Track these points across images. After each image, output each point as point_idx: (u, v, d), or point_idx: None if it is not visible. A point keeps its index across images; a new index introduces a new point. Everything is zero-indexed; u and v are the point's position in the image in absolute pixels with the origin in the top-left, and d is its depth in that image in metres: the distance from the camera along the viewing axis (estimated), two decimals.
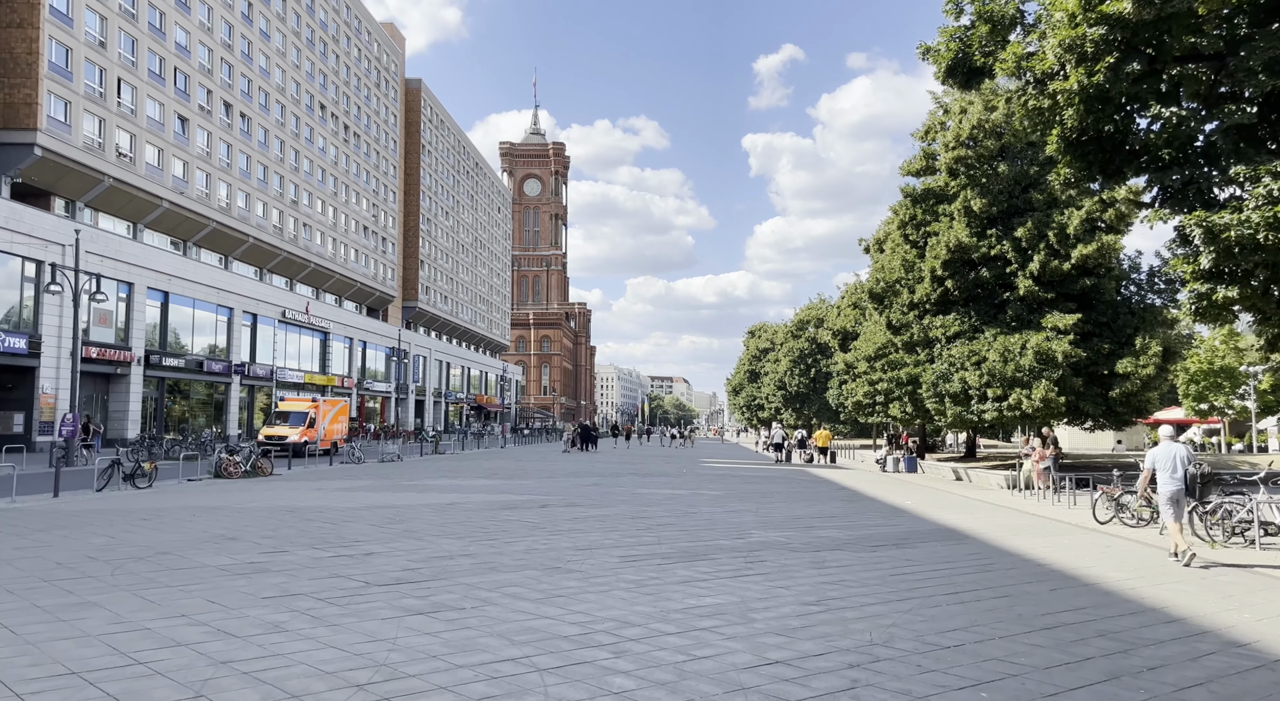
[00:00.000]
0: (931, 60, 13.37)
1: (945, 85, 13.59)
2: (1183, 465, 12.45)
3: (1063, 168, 13.00)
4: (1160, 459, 12.62)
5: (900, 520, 17.50)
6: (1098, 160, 12.35)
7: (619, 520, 16.07)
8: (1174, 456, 12.51)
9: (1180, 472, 12.44)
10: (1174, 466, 12.48)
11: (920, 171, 31.94)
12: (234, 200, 60.00)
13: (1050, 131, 12.49)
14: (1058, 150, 12.54)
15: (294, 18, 69.20)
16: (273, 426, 42.02)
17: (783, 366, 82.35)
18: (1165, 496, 12.57)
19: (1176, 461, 12.48)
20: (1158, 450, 12.80)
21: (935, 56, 13.25)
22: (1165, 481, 12.53)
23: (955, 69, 13.16)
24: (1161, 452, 12.67)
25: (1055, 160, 29.30)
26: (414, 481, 24.98)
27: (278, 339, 64.28)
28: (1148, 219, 11.51)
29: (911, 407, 32.77)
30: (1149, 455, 12.97)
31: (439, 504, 18.14)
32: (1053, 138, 12.45)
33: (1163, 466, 12.58)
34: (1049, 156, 29.00)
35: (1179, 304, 29.13)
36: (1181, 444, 12.82)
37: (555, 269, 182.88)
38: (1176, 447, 12.63)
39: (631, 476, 29.41)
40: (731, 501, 20.62)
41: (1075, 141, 12.27)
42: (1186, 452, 12.61)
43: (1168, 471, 12.52)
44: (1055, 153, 12.67)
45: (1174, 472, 12.46)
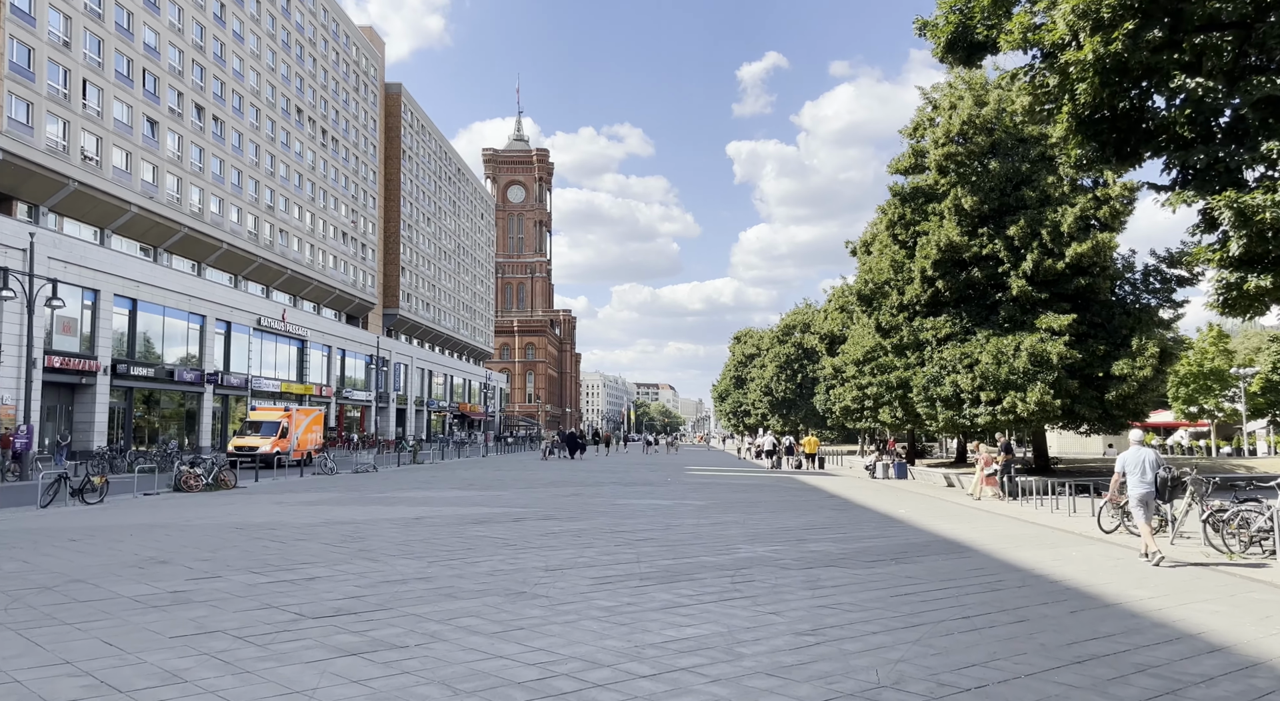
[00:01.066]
0: (929, 35, 12.40)
1: (944, 62, 12.65)
2: (1151, 468, 12.83)
3: (1073, 149, 12.05)
4: (1129, 463, 12.99)
5: (895, 531, 16.49)
6: (1111, 140, 11.40)
7: (596, 534, 14.97)
8: (1142, 460, 12.88)
9: (1149, 476, 12.81)
10: (1143, 470, 12.84)
11: (909, 169, 31.05)
12: (207, 205, 58.57)
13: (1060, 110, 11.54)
14: (1068, 129, 11.58)
15: (269, 20, 67.91)
16: (243, 437, 40.68)
17: (769, 372, 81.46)
18: (1135, 499, 12.90)
19: (1145, 465, 12.85)
20: (1127, 454, 13.19)
21: (933, 31, 12.28)
22: (1135, 484, 12.88)
23: (955, 44, 12.20)
24: (1130, 457, 13.03)
25: (1049, 157, 28.59)
26: (384, 493, 23.79)
27: (253, 347, 62.77)
28: (1169, 202, 10.54)
29: (902, 412, 31.85)
30: (1118, 460, 13.34)
31: (404, 518, 16.99)
32: (1062, 116, 11.50)
33: (1132, 470, 12.93)
34: (1041, 153, 28.25)
35: (1174, 303, 28.45)
36: (1149, 448, 13.26)
37: (540, 276, 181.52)
38: (1144, 452, 13.03)
39: (613, 486, 28.31)
40: (717, 512, 19.56)
41: (1088, 120, 11.32)
42: (1154, 456, 13.01)
43: (1137, 475, 12.88)
44: (1065, 132, 11.72)
45: (1143, 476, 12.81)
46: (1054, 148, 27.92)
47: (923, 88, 30.62)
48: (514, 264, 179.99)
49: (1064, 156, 12.52)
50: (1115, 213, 26.75)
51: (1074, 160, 12.12)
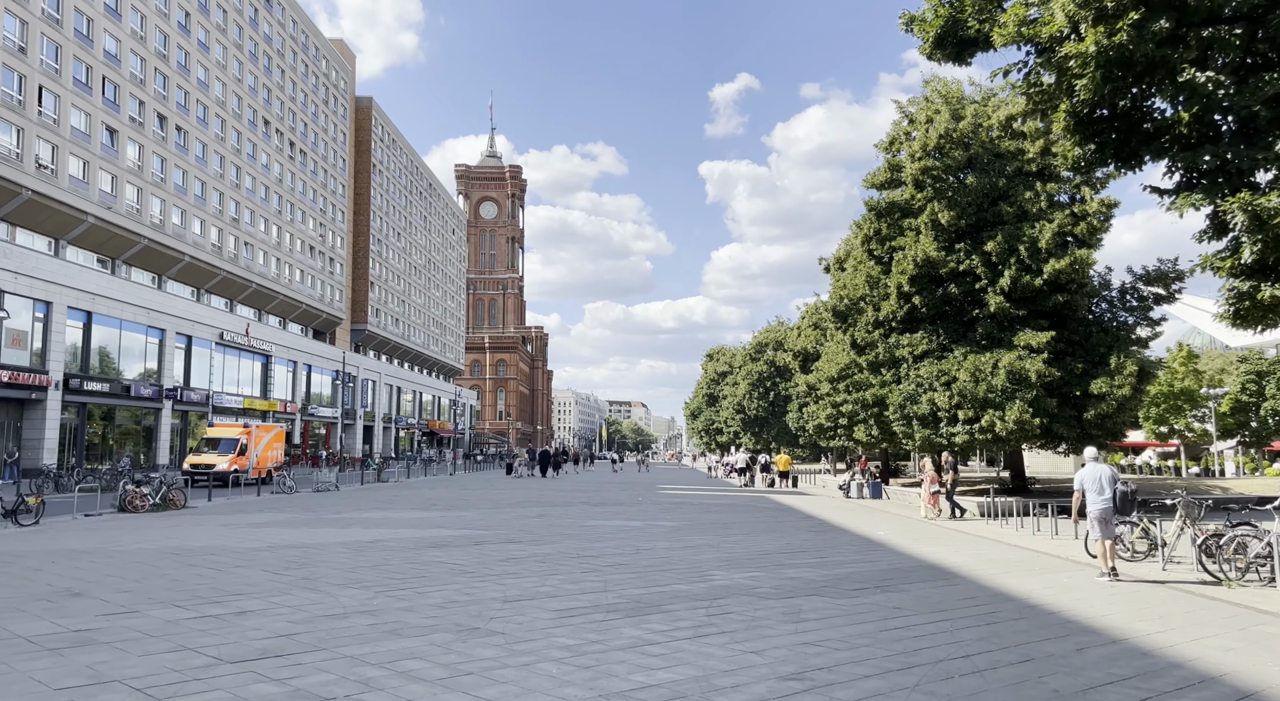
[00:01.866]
0: (916, 30, 11.76)
1: (933, 59, 12.03)
2: (1109, 485, 13.02)
3: (1070, 150, 11.45)
4: (1088, 480, 13.16)
5: (876, 554, 15.73)
6: (1111, 141, 10.81)
7: (561, 560, 14.06)
8: (1099, 477, 13.09)
9: (1108, 492, 12.99)
10: (1100, 486, 13.03)
11: (884, 184, 30.59)
12: (168, 217, 57.05)
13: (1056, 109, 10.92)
14: (1065, 128, 10.97)
15: (236, 30, 66.71)
16: (200, 454, 39.23)
17: (741, 390, 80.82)
18: (1094, 515, 13.04)
19: (1102, 481, 13.04)
20: (1084, 472, 13.35)
21: (921, 26, 11.63)
22: (1094, 501, 13.02)
23: (944, 39, 11.57)
24: (1088, 474, 13.21)
25: (1025, 172, 28.27)
26: (341, 514, 22.66)
27: (215, 362, 61.13)
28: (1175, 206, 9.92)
29: (878, 430, 31.22)
30: (1077, 477, 13.52)
31: (358, 542, 15.96)
32: (1059, 114, 10.89)
33: (1091, 487, 13.10)
34: (1018, 168, 27.91)
35: (1151, 322, 28.13)
36: (1106, 465, 13.44)
37: (512, 292, 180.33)
38: (1101, 468, 13.23)
39: (582, 506, 27.35)
40: (690, 534, 18.70)
41: (1087, 118, 10.71)
42: (1111, 472, 13.20)
43: (1095, 491, 13.05)
44: (1063, 131, 11.12)
45: (1101, 492, 12.99)
46: (1031, 163, 27.75)
47: (899, 101, 30.27)
48: (486, 280, 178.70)
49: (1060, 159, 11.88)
50: (1093, 229, 26.42)
51: (1071, 162, 11.52)
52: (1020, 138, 27.92)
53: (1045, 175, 27.65)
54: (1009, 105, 28.40)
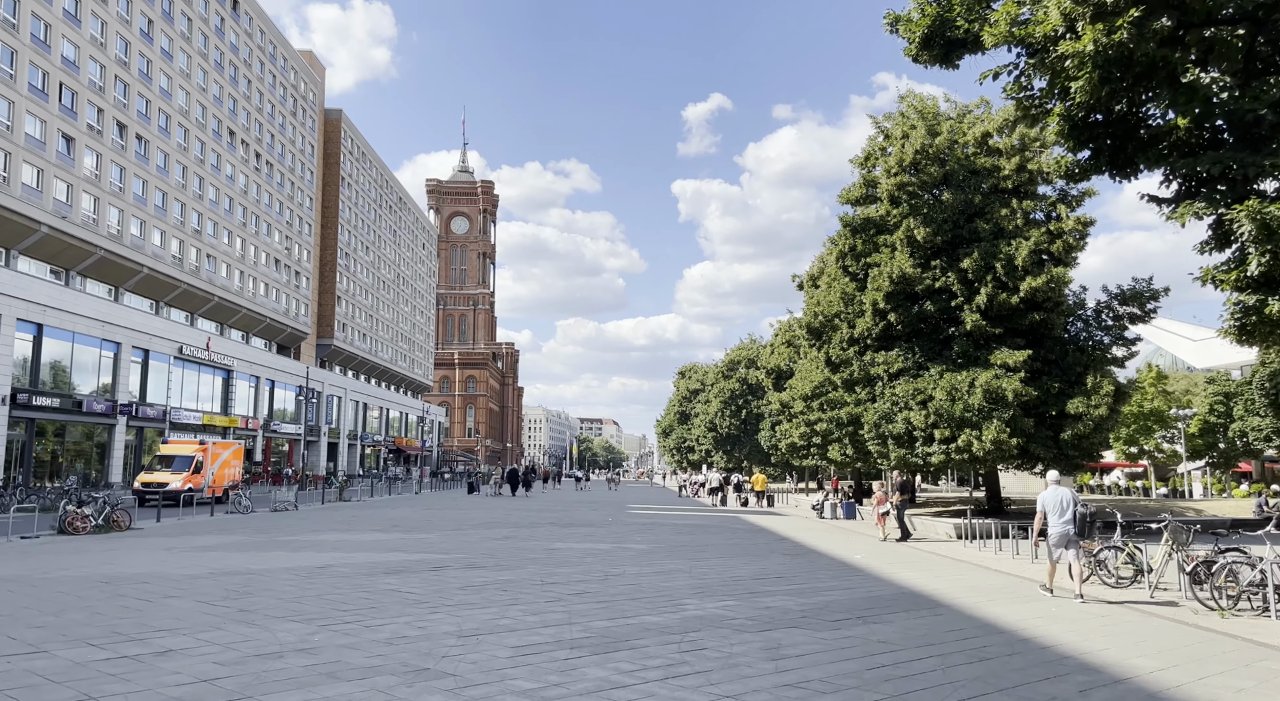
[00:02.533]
0: (902, 31, 11.21)
1: (919, 61, 11.50)
2: (1070, 507, 13.20)
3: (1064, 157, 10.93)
4: (1049, 502, 13.36)
5: (855, 580, 15.07)
6: (1106, 147, 10.31)
7: (524, 587, 13.22)
8: (1060, 499, 13.28)
9: (1070, 514, 13.17)
10: (1062, 508, 13.21)
11: (860, 200, 30.20)
12: (127, 227, 55.53)
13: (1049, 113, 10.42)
14: (1059, 133, 10.46)
15: (200, 38, 65.49)
16: (152, 472, 37.76)
17: (713, 407, 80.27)
18: (1056, 537, 13.23)
19: (1064, 504, 13.22)
20: (1046, 494, 13.54)
21: (907, 26, 11.08)
22: (1055, 523, 13.21)
23: (931, 40, 11.03)
24: (1050, 496, 13.42)
25: (1001, 189, 28.02)
26: (295, 536, 21.61)
27: (173, 377, 59.47)
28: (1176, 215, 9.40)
29: (852, 449, 30.69)
30: (1039, 500, 13.65)
31: (308, 567, 15.00)
32: (1053, 118, 10.37)
33: (1052, 509, 13.30)
34: (994, 185, 27.65)
35: (1126, 342, 27.87)
36: (1066, 487, 13.64)
37: (483, 308, 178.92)
38: (1062, 491, 13.43)
39: (549, 526, 26.46)
40: (661, 558, 17.93)
41: (1082, 123, 10.22)
42: (1072, 495, 13.36)
43: (1056, 514, 13.23)
44: (1057, 136, 10.61)
45: (1062, 515, 13.18)
46: (1007, 180, 27.50)
47: (874, 117, 29.92)
48: (456, 295, 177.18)
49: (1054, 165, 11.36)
50: (1069, 247, 26.15)
51: (1064, 169, 11.02)
52: (996, 154, 27.69)
53: (1021, 192, 27.41)
54: (984, 121, 28.20)
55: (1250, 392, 45.85)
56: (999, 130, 27.65)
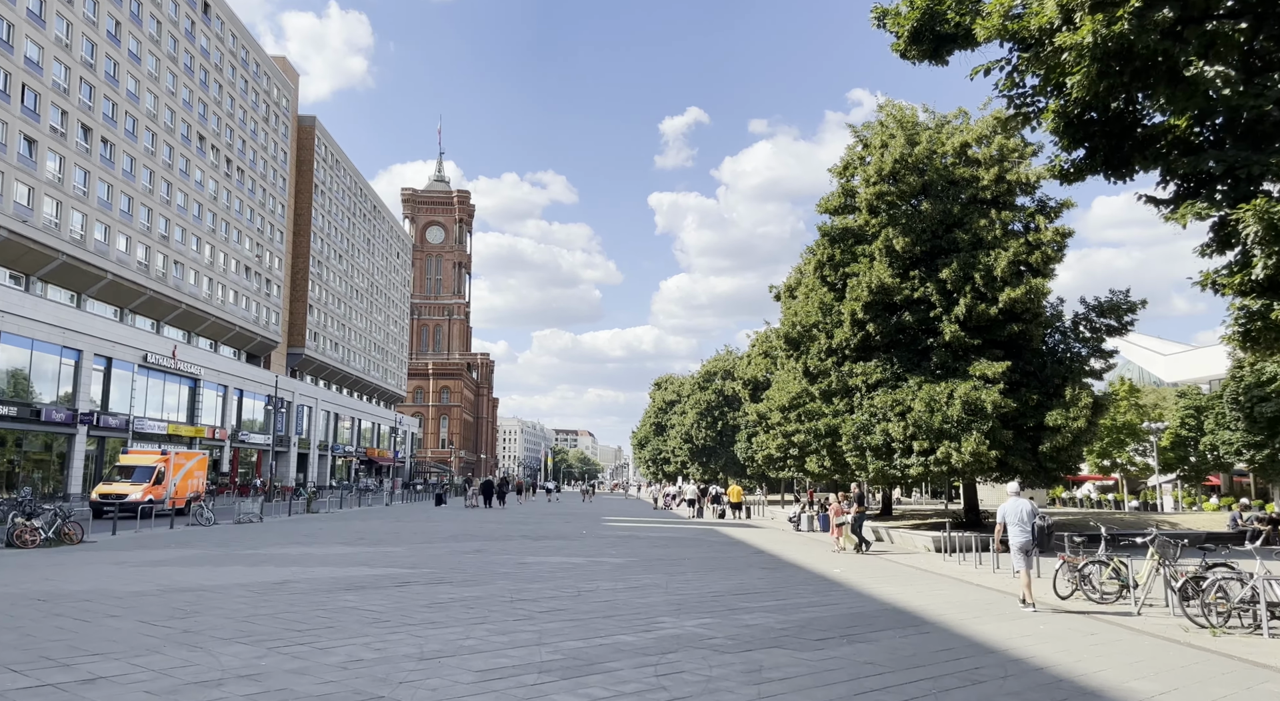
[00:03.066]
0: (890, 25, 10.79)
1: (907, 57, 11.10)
2: (1030, 518, 13.52)
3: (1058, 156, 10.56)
4: (1010, 514, 13.61)
5: (836, 595, 14.59)
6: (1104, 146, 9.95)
7: (493, 604, 12.61)
8: (1021, 510, 13.55)
9: (1029, 525, 13.47)
10: (1021, 520, 13.47)
11: (838, 209, 29.93)
12: (90, 232, 54.24)
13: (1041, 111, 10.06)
14: (1054, 130, 10.10)
15: (170, 42, 64.38)
16: (111, 483, 36.69)
17: (689, 419, 79.84)
18: (1016, 547, 13.49)
19: (1023, 515, 13.50)
20: (1006, 506, 13.76)
21: (895, 20, 10.65)
22: (1015, 534, 13.46)
23: (920, 34, 10.63)
24: (1010, 508, 13.67)
25: (980, 200, 27.84)
26: (256, 549, 20.80)
27: (137, 385, 58.11)
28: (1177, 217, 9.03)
29: (830, 461, 30.29)
30: (999, 511, 13.88)
31: (265, 583, 14.28)
32: (1048, 115, 10.00)
33: (1013, 520, 13.54)
34: (973, 195, 27.47)
35: (1104, 354, 27.75)
36: (1026, 500, 13.89)
37: (458, 318, 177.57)
38: (1022, 502, 13.72)
39: (521, 540, 25.80)
40: (636, 572, 17.36)
41: (1077, 120, 9.85)
42: (1032, 507, 13.70)
43: (1016, 525, 13.48)
44: (1052, 133, 10.25)
45: (1023, 526, 13.44)
46: (985, 190, 27.33)
47: (854, 126, 29.70)
48: (431, 305, 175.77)
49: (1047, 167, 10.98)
50: (1047, 258, 26.00)
51: (1057, 169, 10.65)
52: (975, 165, 27.53)
53: (1000, 203, 27.25)
54: (963, 132, 28.05)
55: (1221, 406, 46.09)
56: (978, 140, 27.50)
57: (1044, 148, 27.21)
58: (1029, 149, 27.12)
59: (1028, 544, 13.40)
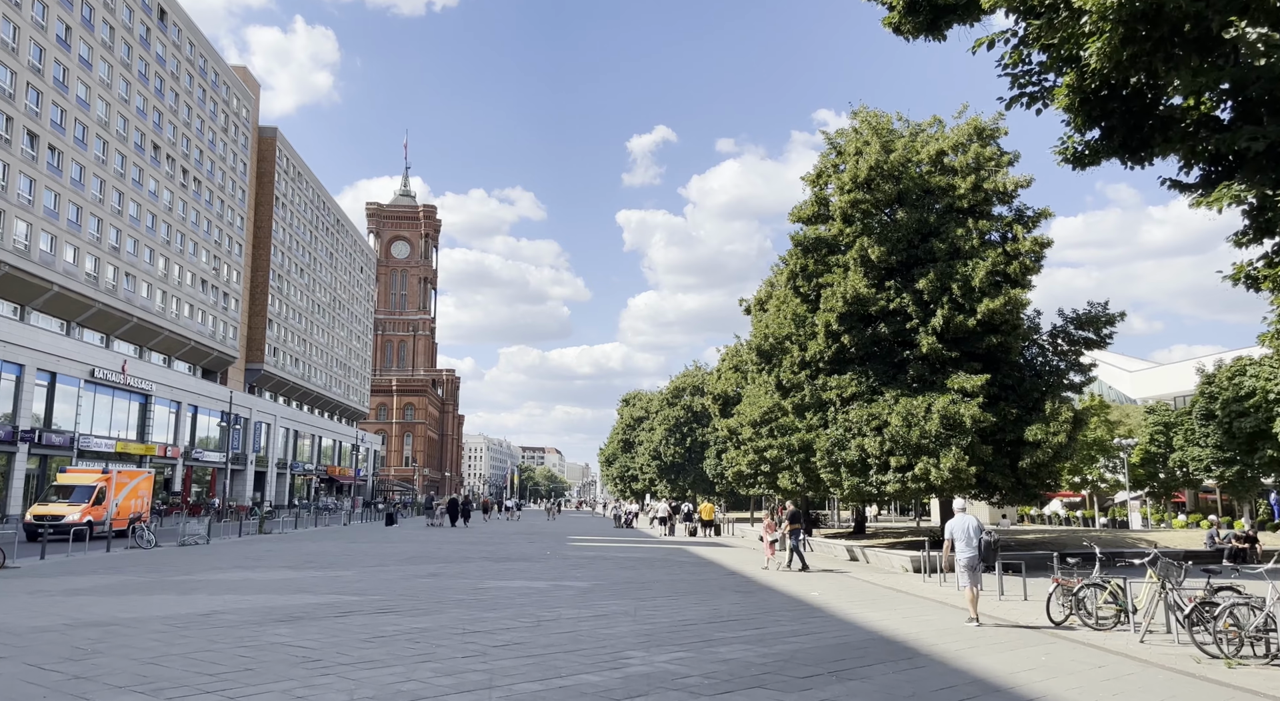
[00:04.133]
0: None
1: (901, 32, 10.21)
2: (976, 534, 13.61)
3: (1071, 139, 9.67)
4: (956, 530, 13.69)
5: (817, 623, 13.51)
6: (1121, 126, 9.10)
7: (442, 637, 11.36)
8: (967, 527, 13.64)
9: (975, 541, 13.54)
10: (968, 536, 13.56)
11: (811, 218, 29.10)
12: (35, 242, 52.07)
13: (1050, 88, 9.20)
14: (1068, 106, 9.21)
15: (124, 48, 62.44)
16: (46, 503, 34.65)
17: (657, 435, 78.72)
18: (962, 563, 13.53)
19: (970, 531, 13.59)
20: (953, 522, 13.85)
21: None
22: (962, 550, 13.54)
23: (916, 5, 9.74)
24: (957, 525, 13.74)
25: (957, 209, 27.17)
26: (192, 575, 19.28)
27: (83, 401, 55.78)
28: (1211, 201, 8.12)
29: (804, 477, 29.32)
30: (946, 528, 13.99)
31: (189, 615, 12.88)
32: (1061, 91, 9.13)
33: (960, 536, 13.61)
34: (949, 204, 26.80)
35: (1081, 367, 27.13)
36: (972, 516, 13.94)
37: (423, 334, 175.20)
38: (969, 519, 13.79)
39: (481, 561, 24.45)
40: (602, 597, 16.16)
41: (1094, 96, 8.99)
42: (977, 523, 13.77)
43: (963, 541, 13.56)
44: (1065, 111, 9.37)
45: (969, 541, 13.53)
46: (962, 199, 26.65)
47: (827, 132, 28.95)
48: (396, 321, 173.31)
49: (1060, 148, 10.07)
50: (1025, 268, 25.34)
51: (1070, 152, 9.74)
52: (951, 173, 26.87)
53: (977, 212, 26.60)
54: (939, 140, 27.41)
55: (1190, 422, 45.95)
56: (954, 148, 26.86)
57: (1020, 157, 26.69)
58: (1005, 157, 26.55)
59: (974, 560, 13.48)
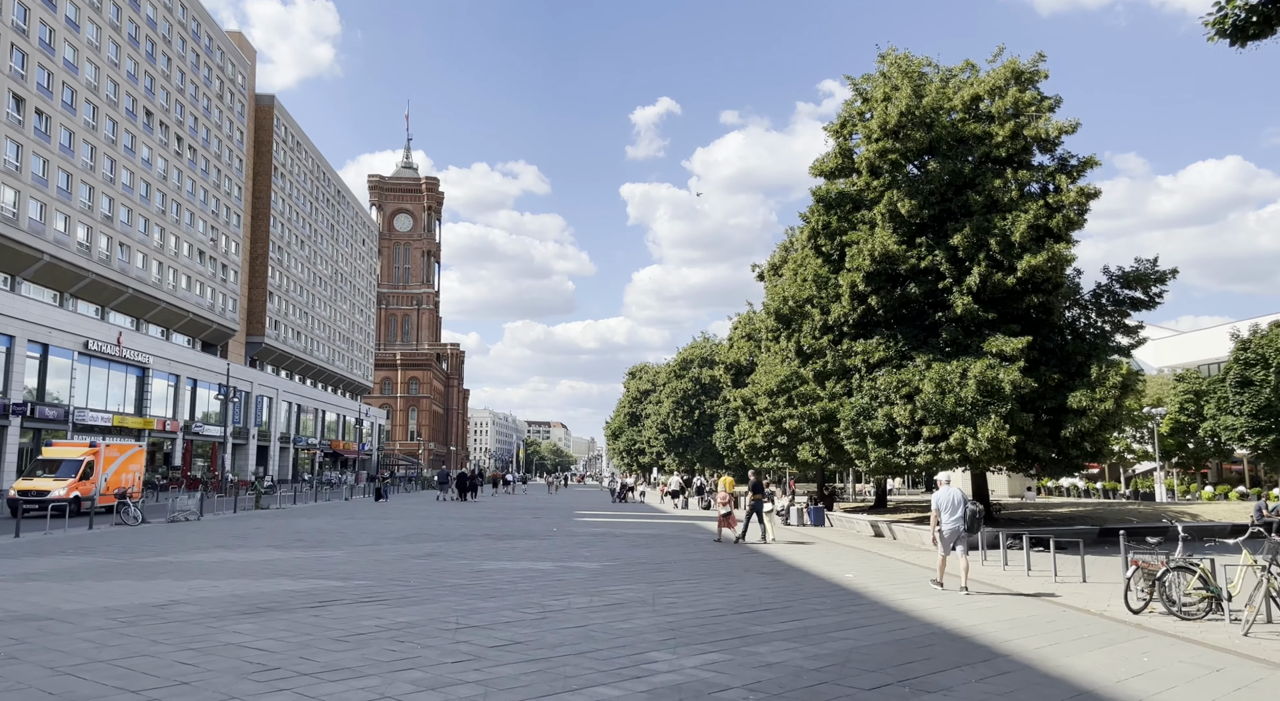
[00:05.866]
0: None
1: None
2: (961, 506, 13.81)
3: (1231, 3, 7.79)
4: (943, 502, 13.94)
5: (863, 612, 11.81)
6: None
7: (430, 634, 9.68)
8: (953, 499, 13.88)
9: (960, 512, 13.77)
10: (954, 507, 13.80)
11: (834, 172, 27.08)
12: (24, 210, 50.31)
13: None
14: None
15: (112, 9, 60.21)
16: (32, 478, 33.17)
17: (665, 408, 77.12)
18: (948, 534, 13.89)
19: (956, 503, 13.83)
20: (940, 495, 14.07)
21: None
22: (948, 521, 13.84)
23: None
24: (944, 497, 13.98)
25: (994, 158, 25.13)
26: (166, 556, 17.66)
27: (78, 374, 54.30)
28: None
29: (826, 449, 27.60)
30: (933, 499, 14.20)
31: (142, 605, 11.23)
32: None
33: (946, 508, 13.88)
34: (985, 153, 24.74)
35: (1128, 329, 25.23)
36: (958, 488, 14.18)
37: (427, 308, 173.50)
38: (954, 491, 14.01)
39: (483, 539, 22.82)
40: (616, 581, 14.48)
41: None
42: (963, 495, 13.99)
43: (949, 512, 13.83)
44: None
45: (954, 513, 13.78)
46: (1000, 147, 24.60)
47: (852, 77, 26.80)
48: (399, 295, 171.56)
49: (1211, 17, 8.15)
50: (1069, 222, 23.34)
51: (1226, 24, 7.85)
52: (987, 120, 24.81)
53: (1015, 162, 24.56)
54: (973, 85, 25.33)
55: (1224, 390, 44.05)
56: (990, 93, 24.75)
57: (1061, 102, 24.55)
58: (1046, 102, 24.43)
59: (958, 530, 13.78)
